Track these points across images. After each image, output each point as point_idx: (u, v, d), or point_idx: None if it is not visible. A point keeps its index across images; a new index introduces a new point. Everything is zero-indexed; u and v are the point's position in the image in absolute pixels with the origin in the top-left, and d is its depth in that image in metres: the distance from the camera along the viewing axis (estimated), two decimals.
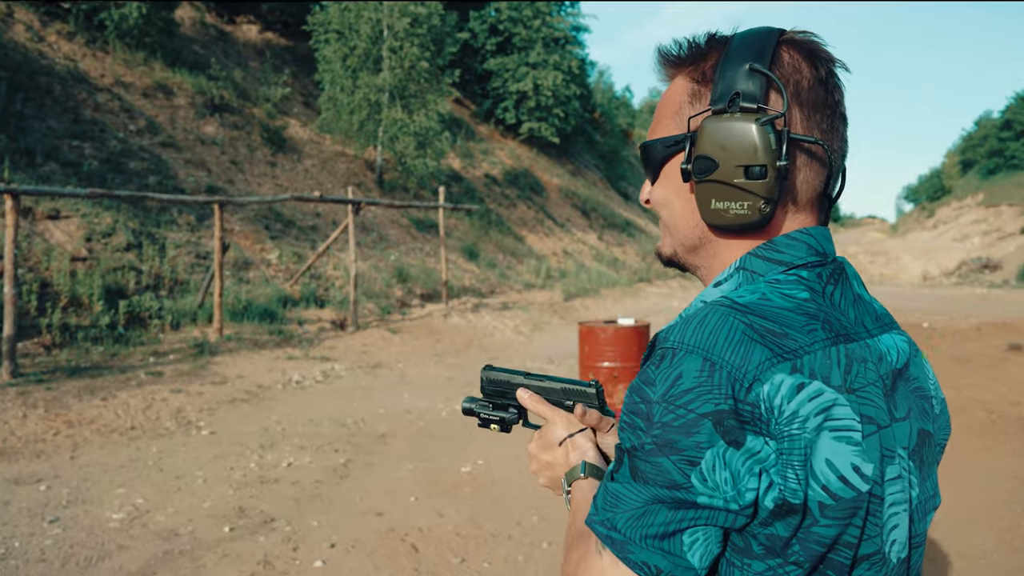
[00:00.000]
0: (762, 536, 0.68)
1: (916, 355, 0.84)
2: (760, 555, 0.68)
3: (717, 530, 0.68)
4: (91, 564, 3.60)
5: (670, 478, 0.67)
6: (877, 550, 0.71)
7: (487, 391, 1.08)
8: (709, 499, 0.66)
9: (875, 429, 0.70)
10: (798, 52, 0.79)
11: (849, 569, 0.70)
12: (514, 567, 3.57)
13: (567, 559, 0.78)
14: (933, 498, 0.81)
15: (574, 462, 0.92)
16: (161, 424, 6.12)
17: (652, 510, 0.67)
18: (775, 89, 0.76)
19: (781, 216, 0.80)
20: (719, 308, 0.72)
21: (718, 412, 0.66)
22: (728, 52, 0.78)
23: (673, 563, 0.67)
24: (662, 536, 0.67)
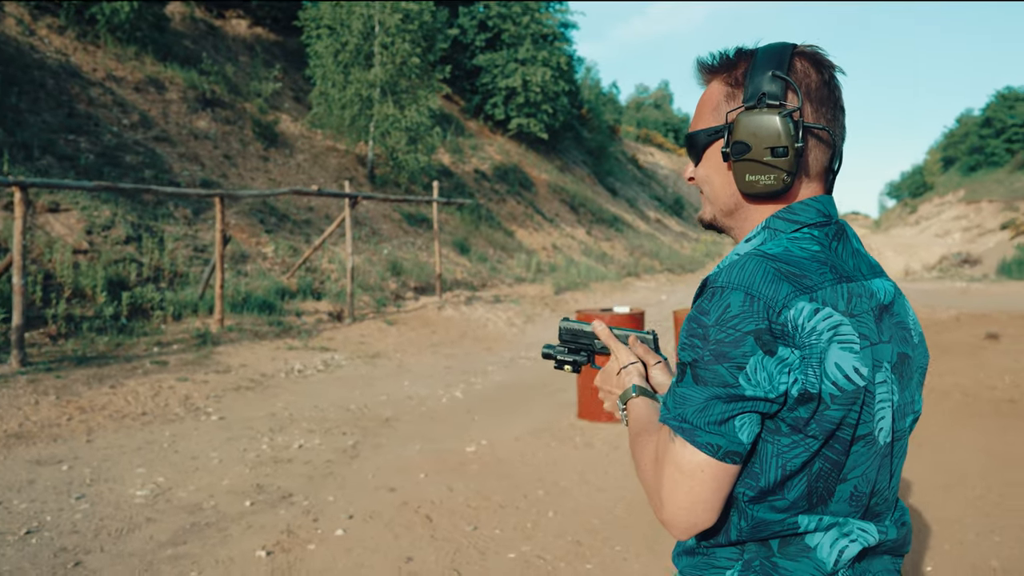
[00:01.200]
0: (789, 418, 0.91)
1: (900, 297, 1.07)
2: (787, 432, 0.92)
3: (758, 416, 0.91)
4: (122, 535, 3.79)
5: (724, 380, 0.90)
6: (869, 432, 0.95)
7: (563, 339, 1.31)
8: (753, 392, 0.89)
9: (868, 344, 0.94)
10: (808, 61, 1.02)
11: (849, 444, 0.93)
12: (524, 532, 3.80)
13: (638, 457, 1.02)
14: (912, 404, 1.04)
15: (627, 384, 1.15)
16: (171, 410, 6.30)
17: (711, 404, 0.91)
18: (792, 90, 1.00)
19: (798, 186, 1.04)
20: (754, 257, 0.95)
21: (758, 330, 0.89)
22: (755, 62, 1.01)
23: (728, 441, 0.90)
24: (719, 422, 0.90)
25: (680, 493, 0.91)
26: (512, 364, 9.11)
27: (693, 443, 0.91)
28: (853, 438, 0.94)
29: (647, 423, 1.05)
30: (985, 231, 47.29)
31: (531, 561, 3.48)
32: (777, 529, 0.94)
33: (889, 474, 1.00)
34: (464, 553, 3.56)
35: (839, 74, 1.05)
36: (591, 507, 4.17)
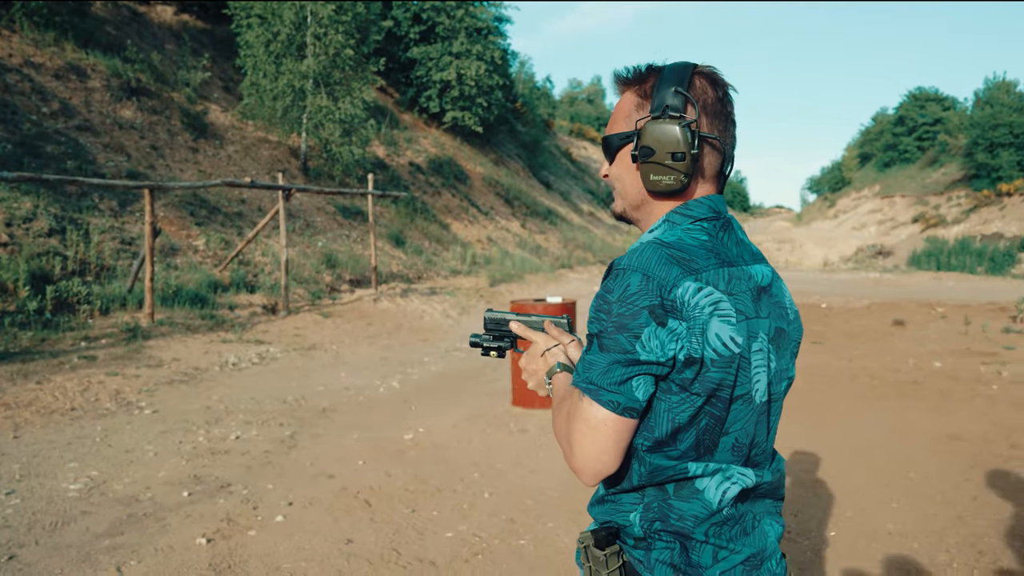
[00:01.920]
0: (677, 379, 1.10)
1: (777, 280, 1.27)
2: (676, 391, 1.10)
3: (651, 378, 1.09)
4: (57, 528, 3.79)
5: (623, 347, 1.08)
6: (747, 392, 1.14)
7: (488, 328, 1.48)
8: (647, 357, 1.07)
9: (744, 318, 1.13)
10: (705, 80, 1.21)
11: (729, 402, 1.13)
12: (460, 513, 3.96)
13: (556, 417, 1.19)
14: (786, 371, 1.25)
15: (551, 363, 1.32)
16: (101, 405, 6.21)
17: (613, 368, 1.08)
18: (691, 104, 1.18)
19: (694, 186, 1.23)
20: (652, 244, 1.14)
21: (652, 305, 1.07)
22: (661, 78, 1.19)
23: (627, 398, 1.08)
24: (620, 383, 1.08)
25: (587, 443, 1.09)
26: (448, 355, 9.24)
27: (598, 401, 1.09)
28: (732, 397, 1.13)
29: (567, 392, 1.22)
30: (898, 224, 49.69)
31: (467, 539, 3.65)
32: (671, 474, 1.12)
33: (767, 429, 1.21)
34: (403, 534, 3.71)
35: (732, 92, 1.24)
36: (525, 488, 4.37)
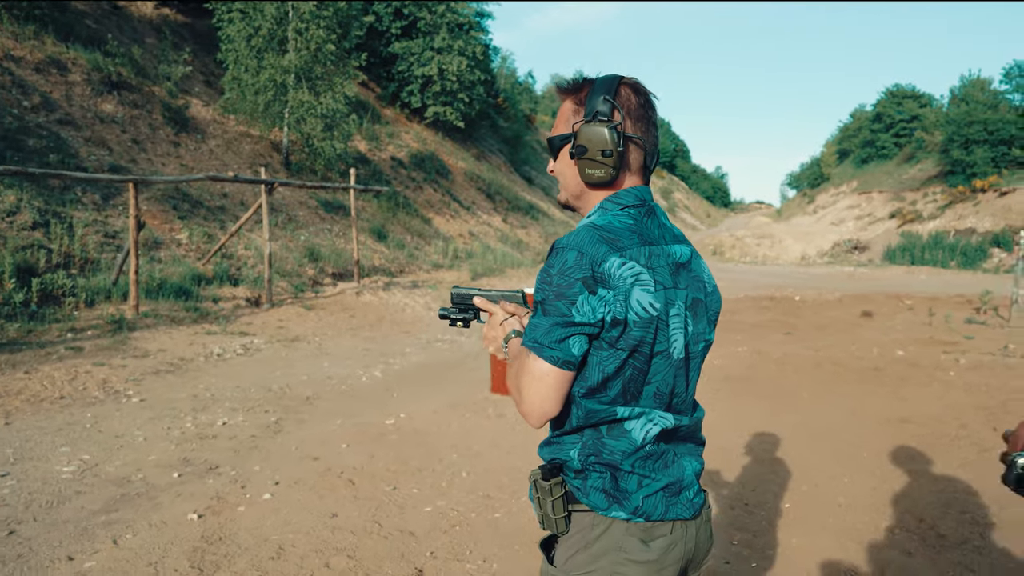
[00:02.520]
0: (606, 337, 1.32)
1: (696, 258, 1.50)
2: (605, 347, 1.33)
3: (585, 337, 1.32)
4: (53, 506, 3.96)
5: (561, 312, 1.30)
6: (665, 349, 1.37)
7: (455, 302, 1.70)
8: (581, 319, 1.29)
9: (662, 288, 1.36)
10: (629, 89, 1.44)
11: (650, 357, 1.35)
12: (439, 490, 4.19)
13: (509, 372, 1.41)
14: (704, 334, 1.47)
15: (508, 330, 1.54)
16: (89, 393, 6.36)
17: (553, 329, 1.31)
18: (616, 109, 1.41)
19: (622, 178, 1.45)
20: (586, 227, 1.36)
21: (584, 277, 1.30)
22: (593, 88, 1.42)
23: (565, 354, 1.30)
24: (559, 341, 1.30)
25: (533, 392, 1.32)
26: (429, 346, 9.45)
27: (541, 356, 1.31)
28: (652, 353, 1.35)
29: (519, 352, 1.44)
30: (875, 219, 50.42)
31: (446, 513, 3.87)
32: (603, 417, 1.35)
33: (686, 382, 1.44)
34: (384, 509, 3.92)
35: (653, 98, 1.47)
36: (501, 468, 4.60)
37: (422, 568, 3.25)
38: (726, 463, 4.61)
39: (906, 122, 58.43)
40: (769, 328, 10.21)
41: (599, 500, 1.35)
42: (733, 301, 13.48)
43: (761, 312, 12.01)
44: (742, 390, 6.60)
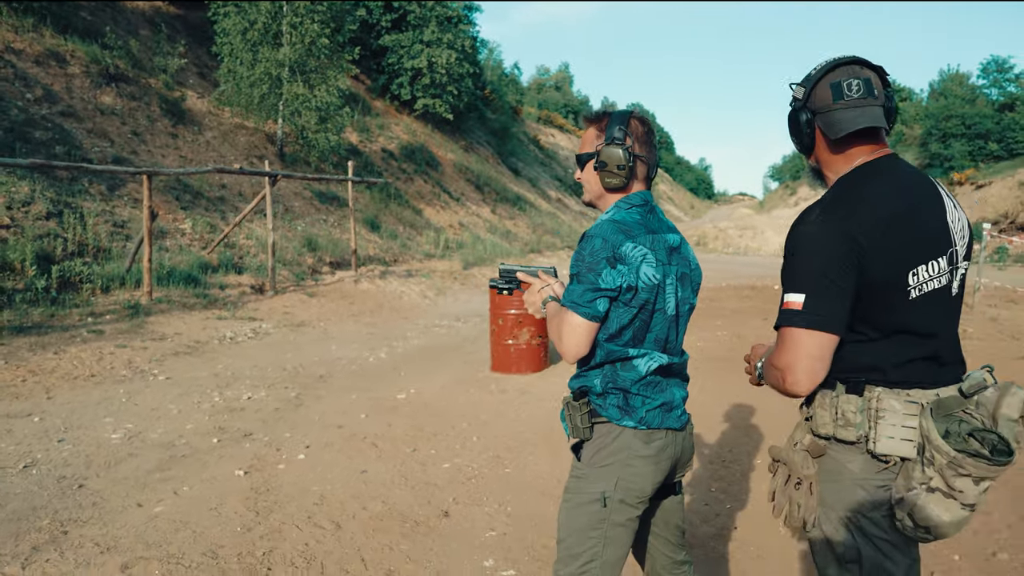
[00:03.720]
0: (622, 299, 1.86)
1: (684, 243, 2.04)
2: (621, 306, 1.86)
3: (607, 299, 1.85)
4: (111, 466, 4.46)
5: (591, 281, 1.83)
6: (662, 308, 1.91)
7: (502, 275, 2.23)
8: (606, 286, 1.83)
9: (661, 264, 1.90)
10: (637, 120, 1.98)
11: (652, 314, 1.89)
12: (454, 451, 4.73)
13: (550, 325, 1.94)
14: (689, 299, 2.01)
15: (545, 296, 2.07)
16: (117, 372, 6.83)
17: (586, 293, 1.84)
18: (628, 135, 1.94)
19: (631, 185, 1.99)
20: (608, 222, 1.90)
21: (608, 256, 1.83)
22: (611, 119, 1.95)
23: (593, 311, 1.83)
24: (590, 302, 1.84)
25: (570, 337, 1.85)
26: (428, 331, 9.97)
27: (577, 313, 1.84)
28: (653, 310, 1.90)
29: (555, 311, 1.97)
30: None
31: (462, 468, 4.42)
32: (618, 355, 1.89)
33: (676, 332, 1.98)
34: (407, 466, 4.46)
35: (654, 127, 2.01)
36: (507, 433, 5.14)
37: (447, 511, 3.79)
38: (707, 429, 5.18)
39: None
40: (748, 314, 10.82)
41: (614, 413, 1.89)
42: (715, 290, 14.09)
43: (741, 300, 12.63)
44: (722, 368, 7.18)
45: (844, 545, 1.64)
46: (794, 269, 1.59)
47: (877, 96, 1.67)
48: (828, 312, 1.56)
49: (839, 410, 1.63)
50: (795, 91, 1.76)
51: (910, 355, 1.63)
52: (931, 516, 1.54)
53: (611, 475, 1.88)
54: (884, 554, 1.62)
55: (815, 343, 1.56)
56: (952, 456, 1.52)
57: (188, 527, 3.54)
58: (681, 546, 2.13)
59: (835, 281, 1.55)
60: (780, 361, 1.59)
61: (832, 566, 1.67)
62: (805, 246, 1.59)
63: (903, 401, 1.59)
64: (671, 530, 2.09)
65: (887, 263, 1.58)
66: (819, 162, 1.78)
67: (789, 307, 1.58)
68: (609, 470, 1.88)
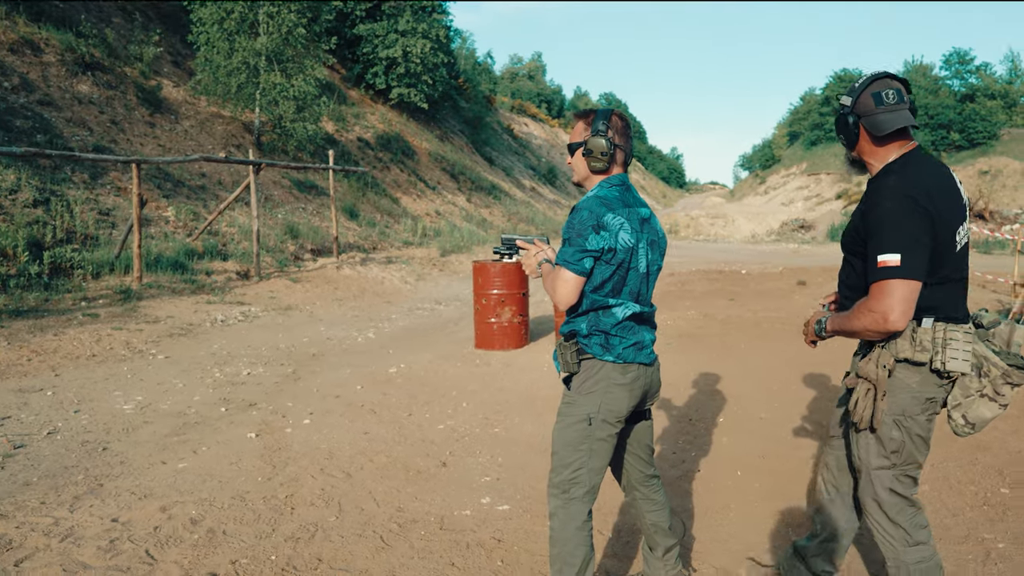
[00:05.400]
0: (604, 258, 2.30)
1: (653, 216, 2.49)
2: (603, 264, 2.31)
3: (592, 258, 2.29)
4: (129, 432, 4.83)
5: (580, 244, 2.28)
6: (635, 266, 2.36)
7: (503, 242, 2.65)
8: (592, 247, 2.27)
9: (635, 231, 2.35)
10: (617, 116, 2.42)
11: (627, 271, 2.34)
12: (446, 415, 5.17)
13: (546, 281, 2.39)
14: (657, 261, 2.47)
15: (540, 259, 2.51)
16: (117, 352, 7.15)
17: (576, 253, 2.28)
18: (610, 128, 2.39)
19: (612, 168, 2.44)
20: (593, 197, 2.34)
21: (593, 224, 2.28)
22: (596, 115, 2.40)
23: (582, 268, 2.28)
24: (578, 261, 2.28)
25: (562, 290, 2.29)
26: (412, 313, 10.38)
27: (568, 269, 2.28)
28: (628, 268, 2.34)
29: (548, 271, 2.41)
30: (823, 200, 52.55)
31: (456, 429, 4.86)
32: (600, 304, 2.33)
33: (647, 288, 2.43)
34: (406, 428, 4.89)
35: (630, 120, 2.46)
36: (494, 401, 5.59)
37: (445, 462, 4.23)
38: (676, 394, 5.68)
39: None
40: (716, 296, 11.38)
41: (598, 351, 2.34)
42: (686, 274, 14.66)
43: (711, 283, 13.20)
44: (691, 344, 7.69)
45: (892, 439, 2.24)
46: (886, 237, 2.10)
47: (906, 102, 2.22)
48: (919, 265, 2.08)
49: (918, 339, 2.17)
50: (843, 100, 2.31)
51: (954, 297, 2.22)
52: (982, 414, 2.18)
53: (595, 400, 2.33)
54: (916, 448, 2.25)
55: (910, 289, 2.08)
56: (1005, 369, 2.15)
57: (214, 478, 3.94)
58: (650, 463, 2.60)
59: (920, 240, 2.08)
60: (880, 306, 2.10)
61: (876, 457, 2.27)
62: (893, 219, 2.10)
63: (962, 332, 2.16)
64: (642, 448, 2.56)
65: (945, 225, 2.13)
66: (861, 154, 2.33)
67: (886, 265, 2.09)
68: (593, 396, 2.34)
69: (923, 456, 2.28)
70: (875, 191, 2.20)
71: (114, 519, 3.40)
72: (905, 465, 2.26)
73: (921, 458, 2.28)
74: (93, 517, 3.42)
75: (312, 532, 3.30)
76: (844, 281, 2.41)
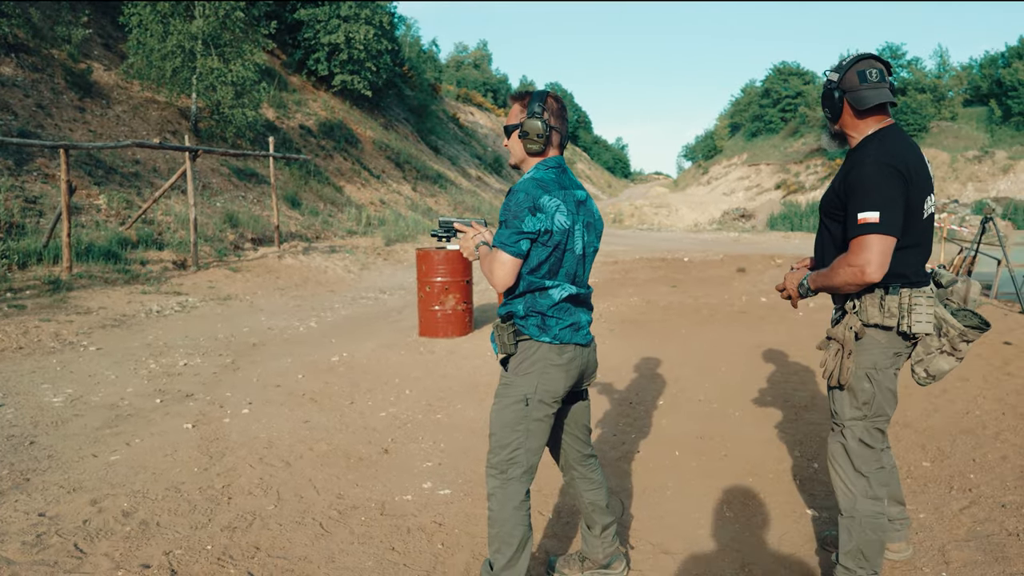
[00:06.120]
0: (541, 240, 2.32)
1: (589, 199, 2.52)
2: (539, 246, 2.32)
3: (529, 240, 2.31)
4: (59, 425, 4.66)
5: (516, 226, 2.28)
6: (572, 248, 2.39)
7: (441, 225, 2.65)
8: (528, 229, 2.28)
9: (571, 213, 2.37)
10: (552, 98, 2.43)
11: (564, 253, 2.36)
12: (389, 402, 5.14)
13: (483, 264, 2.39)
14: (593, 243, 2.50)
15: (477, 241, 2.51)
16: (45, 344, 6.89)
17: (512, 235, 2.29)
18: (546, 110, 2.40)
19: (548, 151, 2.45)
20: (530, 180, 2.35)
21: (530, 206, 2.29)
22: (532, 97, 2.41)
23: (518, 250, 2.29)
24: (514, 243, 2.29)
25: (499, 272, 2.30)
26: (355, 302, 10.27)
27: (505, 251, 2.29)
28: (565, 249, 2.36)
29: (485, 253, 2.42)
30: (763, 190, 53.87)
31: (398, 416, 4.84)
32: (537, 286, 2.35)
33: (584, 269, 2.46)
34: (347, 416, 4.85)
35: (566, 103, 2.47)
36: (438, 388, 5.58)
37: (387, 449, 4.22)
38: (618, 378, 5.76)
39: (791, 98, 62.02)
40: (659, 283, 11.57)
41: (534, 332, 2.36)
42: (629, 262, 14.84)
43: (653, 271, 13.41)
44: (633, 330, 7.81)
45: (864, 390, 2.47)
46: (867, 196, 2.29)
47: (887, 82, 2.43)
48: (896, 223, 2.29)
49: (887, 306, 2.40)
50: (830, 75, 2.51)
51: (919, 262, 2.45)
52: (940, 367, 2.47)
53: (532, 381, 2.35)
54: (885, 400, 2.47)
55: (887, 244, 2.29)
56: (961, 330, 2.42)
57: (147, 470, 3.84)
58: (587, 442, 2.64)
59: (896, 201, 2.29)
60: (859, 260, 2.30)
61: (850, 409, 2.49)
62: (873, 180, 2.30)
63: (925, 297, 2.40)
64: (580, 428, 2.60)
65: (917, 192, 2.36)
66: (844, 127, 2.53)
67: (866, 221, 2.28)
68: (530, 377, 2.36)
69: (891, 409, 2.50)
70: (856, 159, 2.40)
71: (41, 513, 3.29)
72: (875, 417, 2.48)
73: (890, 411, 2.50)
74: (18, 512, 3.30)
75: (250, 521, 3.25)
76: (820, 244, 2.62)
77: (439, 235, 2.68)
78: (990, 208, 7.98)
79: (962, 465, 3.87)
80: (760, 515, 3.34)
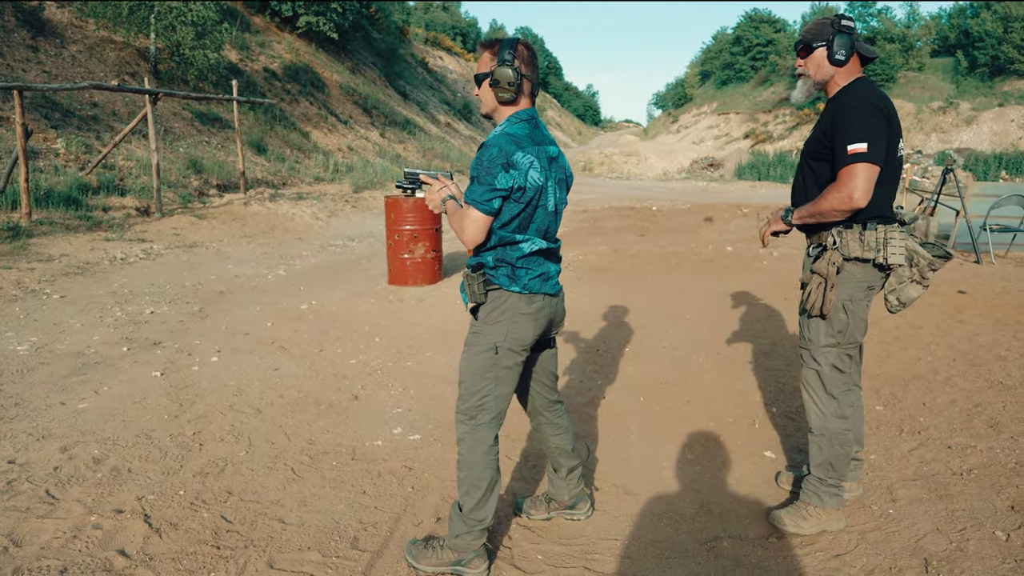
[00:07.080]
0: (513, 196, 2.33)
1: (561, 155, 2.53)
2: (512, 202, 2.34)
3: (500, 198, 2.32)
4: (24, 373, 4.63)
5: (488, 183, 2.29)
6: (544, 204, 2.41)
7: (406, 176, 2.64)
8: (500, 186, 2.29)
9: (544, 170, 2.38)
10: (523, 45, 2.42)
11: (535, 209, 2.38)
12: (359, 350, 5.18)
13: (452, 220, 2.40)
14: (563, 199, 2.52)
15: (444, 195, 2.52)
16: (7, 292, 6.76)
17: (484, 192, 2.30)
18: (516, 58, 2.39)
19: (520, 100, 2.44)
20: (502, 134, 2.35)
21: (503, 163, 2.29)
22: (502, 45, 2.39)
23: (489, 207, 2.30)
24: (487, 200, 2.30)
25: (471, 229, 2.32)
26: (324, 250, 10.20)
27: (477, 208, 2.30)
28: (536, 206, 2.38)
29: (454, 209, 2.43)
30: (732, 139, 53.95)
31: (368, 363, 4.88)
32: (508, 240, 2.38)
33: (556, 224, 2.49)
34: (317, 363, 4.88)
35: (537, 51, 2.46)
36: (407, 335, 5.63)
37: (357, 395, 4.27)
38: (585, 326, 5.86)
39: (762, 46, 61.77)
40: (627, 232, 11.65)
41: (504, 281, 2.40)
42: (598, 211, 14.89)
43: (622, 220, 13.48)
44: (601, 278, 7.90)
45: (840, 320, 2.68)
46: (855, 130, 2.48)
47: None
48: (881, 153, 2.48)
49: (865, 240, 2.61)
50: (848, 24, 2.69)
51: (889, 198, 2.66)
52: (910, 295, 2.73)
53: (501, 329, 2.40)
54: (857, 328, 2.70)
55: (873, 173, 2.48)
56: (930, 259, 2.69)
57: (116, 417, 3.86)
58: (554, 389, 2.71)
59: (881, 135, 2.48)
60: (847, 187, 2.49)
61: (825, 336, 2.71)
62: (860, 116, 2.49)
63: (897, 232, 2.63)
64: (547, 375, 2.66)
65: (893, 132, 2.56)
66: (834, 76, 2.69)
67: (856, 151, 2.46)
68: (500, 326, 2.40)
69: (861, 336, 2.75)
70: (840, 101, 2.60)
71: (10, 461, 3.30)
72: (847, 344, 2.72)
73: (860, 337, 2.74)
74: None
75: (221, 467, 3.30)
76: (802, 187, 2.79)
77: (404, 187, 2.68)
78: (951, 159, 8.12)
79: (913, 409, 4.04)
80: (720, 457, 3.48)
